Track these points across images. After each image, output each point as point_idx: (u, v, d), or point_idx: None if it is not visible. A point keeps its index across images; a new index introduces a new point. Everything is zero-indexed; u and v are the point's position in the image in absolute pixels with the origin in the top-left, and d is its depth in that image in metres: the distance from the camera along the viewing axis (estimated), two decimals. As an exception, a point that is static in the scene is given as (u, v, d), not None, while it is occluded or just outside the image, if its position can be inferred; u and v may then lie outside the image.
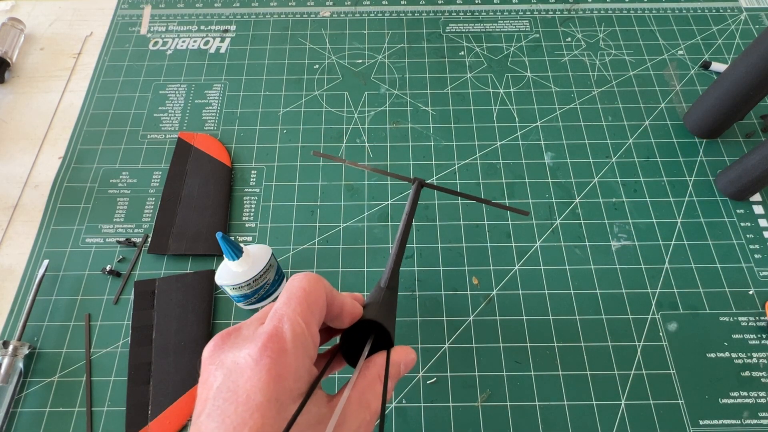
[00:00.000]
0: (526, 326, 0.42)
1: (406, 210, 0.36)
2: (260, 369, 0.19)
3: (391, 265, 0.32)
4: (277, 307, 0.22)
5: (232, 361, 0.20)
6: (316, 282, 0.23)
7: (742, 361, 0.40)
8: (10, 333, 0.42)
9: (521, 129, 0.52)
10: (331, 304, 0.24)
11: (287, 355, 0.20)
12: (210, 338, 0.41)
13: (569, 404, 0.39)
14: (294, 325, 0.21)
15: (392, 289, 0.31)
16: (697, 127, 0.51)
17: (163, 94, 0.55)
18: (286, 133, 0.53)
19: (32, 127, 0.54)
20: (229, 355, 0.21)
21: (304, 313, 0.22)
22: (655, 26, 0.60)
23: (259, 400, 0.19)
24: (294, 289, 0.23)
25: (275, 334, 0.20)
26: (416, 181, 0.39)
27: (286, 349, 0.20)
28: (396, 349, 0.26)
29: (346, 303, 0.25)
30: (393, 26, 0.61)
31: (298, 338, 0.21)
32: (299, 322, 0.21)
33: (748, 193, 0.46)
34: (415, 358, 0.26)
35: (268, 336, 0.20)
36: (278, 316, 0.21)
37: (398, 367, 0.25)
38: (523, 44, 0.59)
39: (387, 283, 0.30)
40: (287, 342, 0.20)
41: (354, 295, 0.28)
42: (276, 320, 0.21)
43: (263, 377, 0.19)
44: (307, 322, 0.22)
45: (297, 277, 0.23)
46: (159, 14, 0.62)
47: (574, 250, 0.45)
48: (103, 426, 0.38)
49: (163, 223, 0.47)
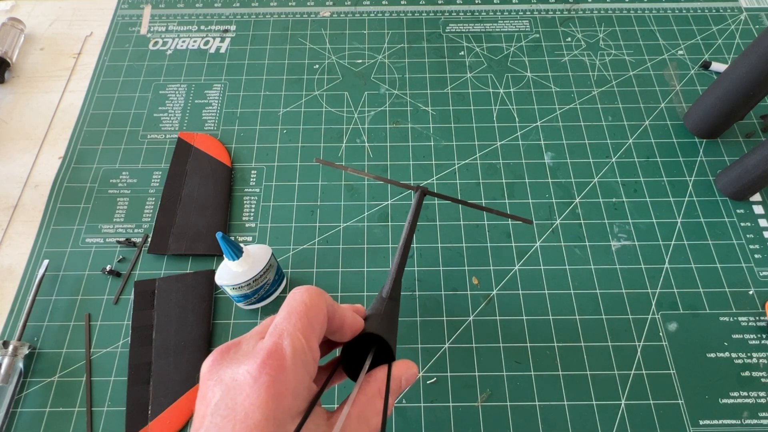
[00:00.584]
0: (526, 326, 0.42)
1: (409, 219, 0.36)
2: (259, 387, 0.19)
3: (393, 275, 0.31)
4: (277, 322, 0.22)
5: (230, 377, 0.20)
6: (318, 296, 0.23)
7: (742, 361, 0.40)
8: (10, 333, 0.42)
9: (521, 129, 0.53)
10: (332, 318, 0.24)
11: (287, 372, 0.20)
12: (210, 338, 0.41)
13: (569, 404, 0.39)
14: (294, 341, 0.21)
15: (394, 299, 0.30)
16: (697, 127, 0.51)
17: (163, 94, 0.55)
18: (286, 133, 0.53)
19: (32, 127, 0.54)
20: (228, 371, 0.20)
21: (305, 329, 0.21)
22: (655, 26, 0.60)
23: (257, 419, 0.19)
24: (295, 303, 0.22)
25: (275, 350, 0.20)
26: (419, 190, 0.38)
27: (286, 366, 0.20)
28: (397, 363, 0.26)
29: (347, 317, 0.25)
30: (393, 26, 0.61)
31: (298, 355, 0.21)
32: (299, 338, 0.21)
33: (748, 193, 0.46)
34: (417, 372, 0.26)
35: (267, 352, 0.20)
36: (278, 331, 0.21)
37: (399, 381, 0.25)
38: (523, 44, 0.59)
39: (389, 294, 0.30)
40: (287, 359, 0.20)
41: (355, 307, 0.28)
42: (276, 336, 0.21)
43: (262, 395, 0.19)
44: (308, 338, 0.21)
45: (298, 291, 0.23)
46: (159, 14, 0.62)
47: (574, 250, 0.45)
48: (103, 426, 0.38)
49: (163, 223, 0.47)
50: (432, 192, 0.39)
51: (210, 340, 0.41)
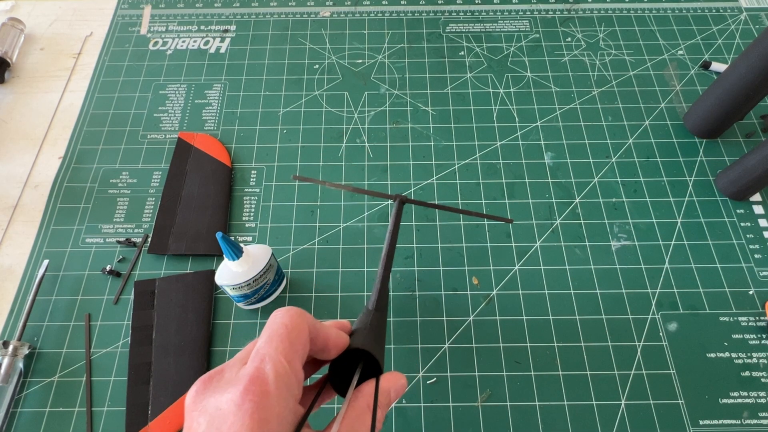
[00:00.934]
0: (526, 326, 0.42)
1: (390, 228, 0.36)
2: (243, 414, 0.19)
3: (378, 286, 0.31)
4: (258, 347, 0.21)
5: (214, 406, 0.20)
6: (299, 317, 0.23)
7: (742, 361, 0.40)
8: (10, 333, 0.42)
9: (521, 129, 0.52)
10: (315, 338, 0.23)
11: (270, 397, 0.20)
12: (210, 338, 0.41)
13: (569, 404, 0.39)
14: (276, 365, 0.20)
15: (380, 310, 0.30)
16: (697, 127, 0.51)
17: (163, 94, 0.55)
18: (286, 133, 0.53)
19: (32, 127, 0.54)
20: (211, 400, 0.20)
21: (287, 352, 0.21)
22: (655, 26, 0.60)
23: None
24: (275, 326, 0.22)
25: (257, 376, 0.20)
26: (398, 199, 0.38)
27: (269, 392, 0.20)
28: (385, 376, 0.25)
29: (331, 334, 0.24)
30: (393, 26, 0.61)
31: (281, 379, 0.20)
32: (282, 362, 0.21)
33: (748, 193, 0.46)
34: (405, 383, 0.26)
35: (249, 379, 0.20)
36: (260, 356, 0.21)
37: (388, 394, 0.25)
38: (523, 44, 0.59)
39: (375, 305, 0.30)
40: (269, 384, 0.20)
41: (340, 323, 0.28)
42: (258, 361, 0.21)
43: (246, 422, 0.19)
44: (290, 361, 0.21)
45: (278, 313, 0.23)
46: (159, 14, 0.62)
47: (574, 250, 0.45)
48: (103, 426, 0.38)
49: (163, 223, 0.47)
50: (410, 200, 0.39)
51: (210, 340, 0.41)
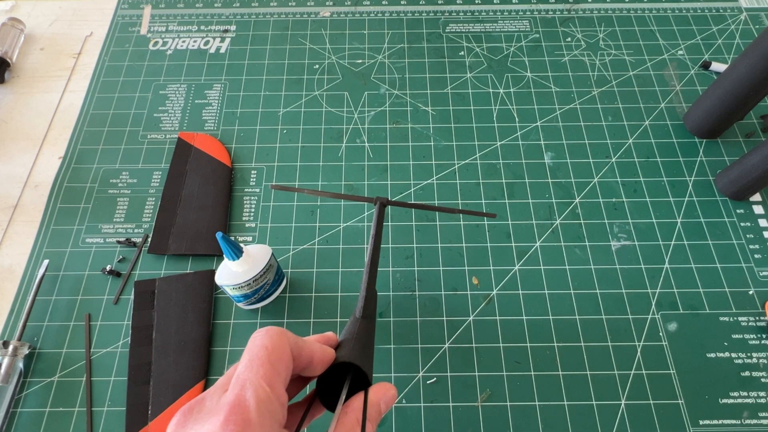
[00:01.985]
0: (526, 326, 0.42)
1: (372, 232, 0.35)
2: None
3: (364, 293, 0.30)
4: (239, 372, 0.21)
5: None
6: (279, 337, 0.22)
7: (742, 361, 0.40)
8: (10, 333, 0.42)
9: (521, 129, 0.52)
10: (298, 356, 0.23)
11: (252, 425, 0.19)
12: (210, 338, 0.41)
13: (569, 404, 0.39)
14: (258, 391, 0.20)
15: (368, 317, 0.29)
16: (697, 127, 0.51)
17: (163, 94, 0.55)
18: (286, 133, 0.53)
19: (32, 127, 0.54)
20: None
21: (268, 375, 0.20)
22: (655, 26, 0.60)
23: None
24: (255, 349, 0.21)
25: (237, 404, 0.19)
26: (378, 202, 0.37)
27: (251, 420, 0.19)
28: (374, 388, 0.25)
29: (316, 350, 0.24)
30: (393, 26, 0.61)
31: (262, 404, 0.20)
32: (263, 387, 0.20)
33: (748, 193, 0.46)
34: (395, 394, 0.25)
35: (230, 407, 0.19)
36: (240, 382, 0.20)
37: (378, 407, 0.24)
38: (523, 44, 0.59)
39: (362, 312, 0.29)
40: (251, 411, 0.19)
41: (325, 336, 0.27)
42: (238, 388, 0.20)
43: None
44: (272, 384, 0.20)
45: (258, 335, 0.22)
46: (159, 14, 0.62)
47: (574, 250, 0.45)
48: (103, 426, 0.38)
49: (163, 223, 0.47)
50: (390, 201, 0.39)
51: (210, 340, 0.41)
